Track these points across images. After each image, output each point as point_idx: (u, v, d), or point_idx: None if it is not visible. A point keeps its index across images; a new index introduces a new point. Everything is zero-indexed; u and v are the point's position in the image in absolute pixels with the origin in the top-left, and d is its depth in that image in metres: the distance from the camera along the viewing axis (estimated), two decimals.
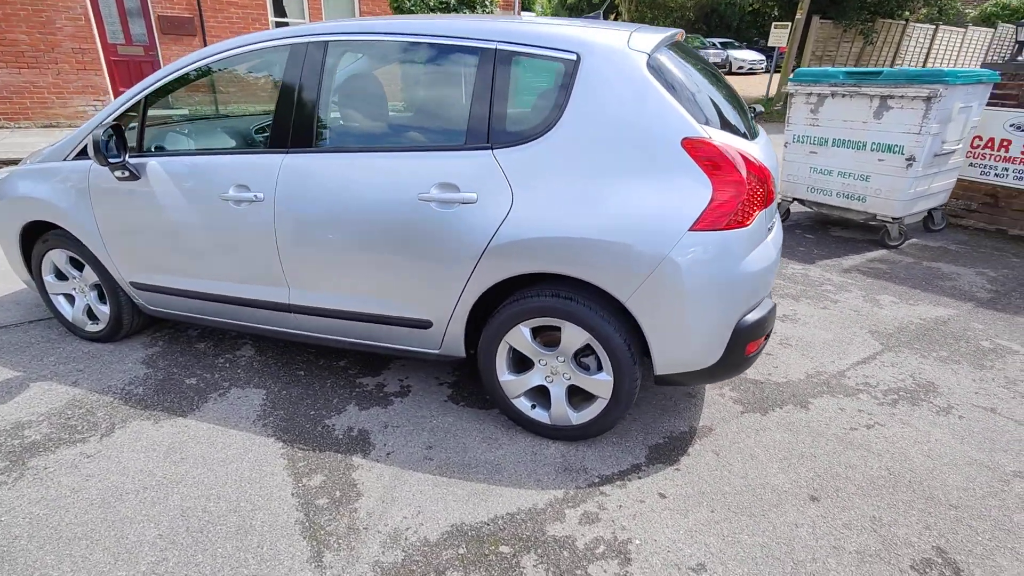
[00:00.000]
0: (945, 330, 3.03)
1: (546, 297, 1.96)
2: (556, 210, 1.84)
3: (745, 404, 2.39)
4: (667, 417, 2.31)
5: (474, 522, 1.81)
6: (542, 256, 1.87)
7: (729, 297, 1.82)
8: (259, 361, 2.77)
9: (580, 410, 2.11)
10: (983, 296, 3.46)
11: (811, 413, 2.33)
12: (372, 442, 2.19)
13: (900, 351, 2.82)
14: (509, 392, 2.17)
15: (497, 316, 2.05)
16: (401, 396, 2.48)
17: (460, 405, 2.42)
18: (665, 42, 1.97)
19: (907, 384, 2.53)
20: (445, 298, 2.07)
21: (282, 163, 2.16)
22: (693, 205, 1.75)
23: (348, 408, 2.40)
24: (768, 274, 1.90)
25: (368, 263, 2.12)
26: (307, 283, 2.27)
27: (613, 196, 1.79)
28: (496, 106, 1.92)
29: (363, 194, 2.05)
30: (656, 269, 1.77)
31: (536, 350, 2.06)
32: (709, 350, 1.88)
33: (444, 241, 1.98)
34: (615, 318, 1.92)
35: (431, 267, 2.03)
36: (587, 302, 1.92)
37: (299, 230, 2.17)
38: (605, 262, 1.81)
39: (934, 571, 1.62)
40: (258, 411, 2.38)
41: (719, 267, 1.78)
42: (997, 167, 4.61)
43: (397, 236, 2.03)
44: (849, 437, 2.18)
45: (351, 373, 2.67)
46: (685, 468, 2.03)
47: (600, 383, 2.01)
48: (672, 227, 1.76)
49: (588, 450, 2.13)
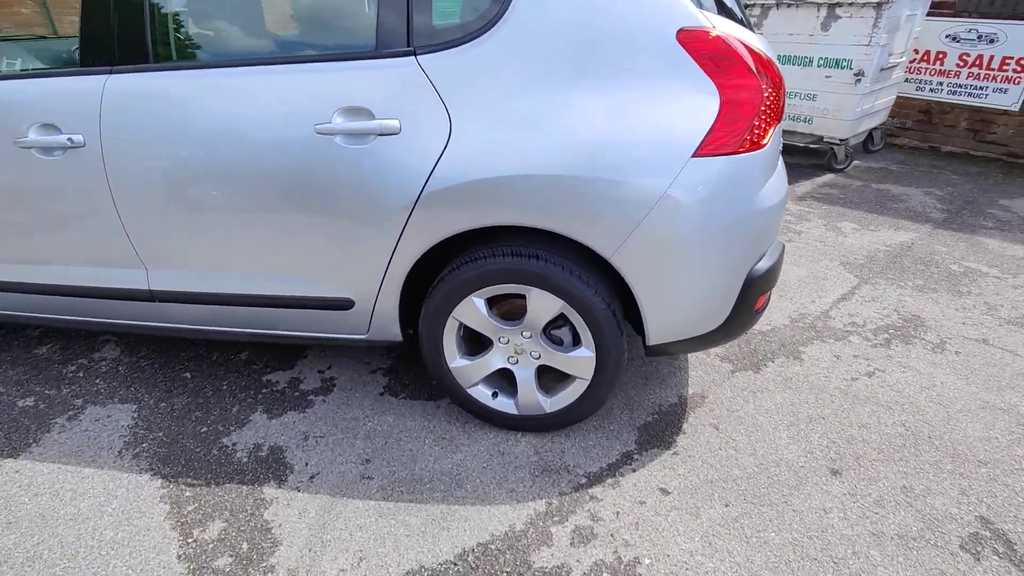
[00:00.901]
0: (913, 255, 2.87)
1: (504, 257, 1.47)
2: (512, 137, 1.32)
3: (734, 362, 2.08)
4: (651, 387, 1.95)
5: (436, 563, 1.38)
6: (496, 203, 1.37)
7: (741, 242, 1.42)
8: (127, 364, 2.11)
9: (554, 394, 1.69)
10: (937, 217, 3.36)
11: (806, 365, 2.06)
12: (289, 463, 1.67)
13: (876, 283, 2.62)
14: (463, 380, 1.71)
15: (441, 287, 1.55)
16: (323, 393, 1.96)
17: (401, 398, 1.93)
18: None
19: (893, 320, 2.32)
20: (368, 268, 1.54)
21: (105, 88, 1.47)
22: (696, 122, 1.30)
23: (253, 417, 1.85)
24: (780, 210, 1.51)
25: (251, 228, 1.53)
26: (170, 261, 1.64)
27: (587, 114, 1.30)
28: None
29: (235, 130, 1.43)
30: (651, 212, 1.32)
31: (494, 325, 1.59)
32: (715, 310, 1.49)
33: (358, 190, 1.42)
34: (596, 278, 1.48)
35: (343, 227, 1.47)
36: (559, 260, 1.45)
37: (144, 187, 1.52)
38: (583, 207, 1.34)
39: (985, 548, 1.39)
40: (126, 436, 1.77)
41: (731, 203, 1.36)
42: (932, 82, 4.52)
43: (289, 188, 1.45)
44: (853, 389, 1.93)
45: (255, 368, 2.09)
46: (684, 451, 1.69)
47: (578, 360, 1.59)
48: (670, 153, 1.30)
49: (566, 441, 1.73)
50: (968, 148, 4.54)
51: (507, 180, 1.33)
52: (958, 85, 4.41)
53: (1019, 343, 2.17)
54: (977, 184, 3.90)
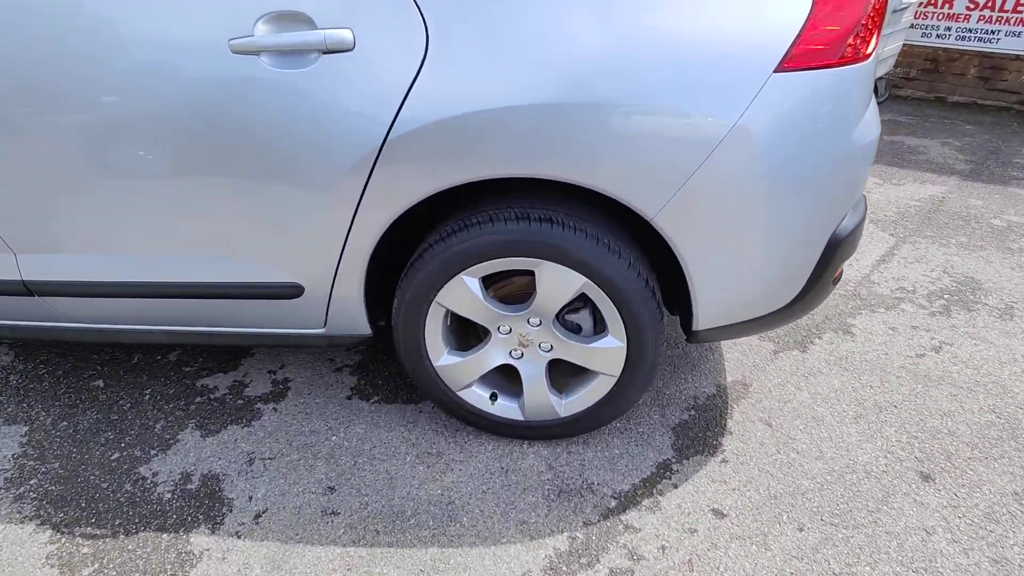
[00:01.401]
0: (947, 210, 2.57)
1: (508, 223, 1.08)
2: (514, 51, 0.92)
3: (775, 340, 1.74)
4: (682, 376, 1.60)
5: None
6: (495, 147, 0.96)
7: (830, 191, 1.05)
8: (20, 373, 1.67)
9: (570, 394, 1.32)
10: (962, 168, 3.06)
11: (860, 341, 1.73)
12: (227, 498, 1.28)
13: (915, 242, 2.31)
14: (452, 382, 1.32)
15: (420, 264, 1.15)
16: (274, 400, 1.55)
17: (373, 402, 1.54)
18: None
19: (946, 284, 2.02)
20: (318, 243, 1.12)
21: None
22: (780, 23, 0.91)
23: (183, 436, 1.44)
24: (875, 150, 1.14)
25: (154, 196, 1.10)
26: (45, 242, 1.20)
27: (621, 18, 0.90)
28: None
29: (117, 53, 0.98)
30: (714, 152, 0.94)
31: (492, 311, 1.21)
32: (788, 282, 1.14)
33: (296, 133, 1.00)
34: (628, 246, 1.10)
35: (280, 190, 1.06)
36: (581, 224, 1.07)
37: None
38: (618, 148, 0.95)
39: None
40: (8, 471, 1.35)
41: (824, 138, 0.98)
42: (940, 27, 4.20)
43: (196, 134, 1.01)
44: (922, 368, 1.61)
45: (188, 372, 1.67)
46: (735, 457, 1.35)
47: (604, 353, 1.22)
48: (744, 67, 0.91)
49: (586, 450, 1.38)
50: (977, 97, 4.26)
51: (509, 113, 0.93)
52: (968, 30, 4.10)
53: None
54: (994, 134, 3.62)
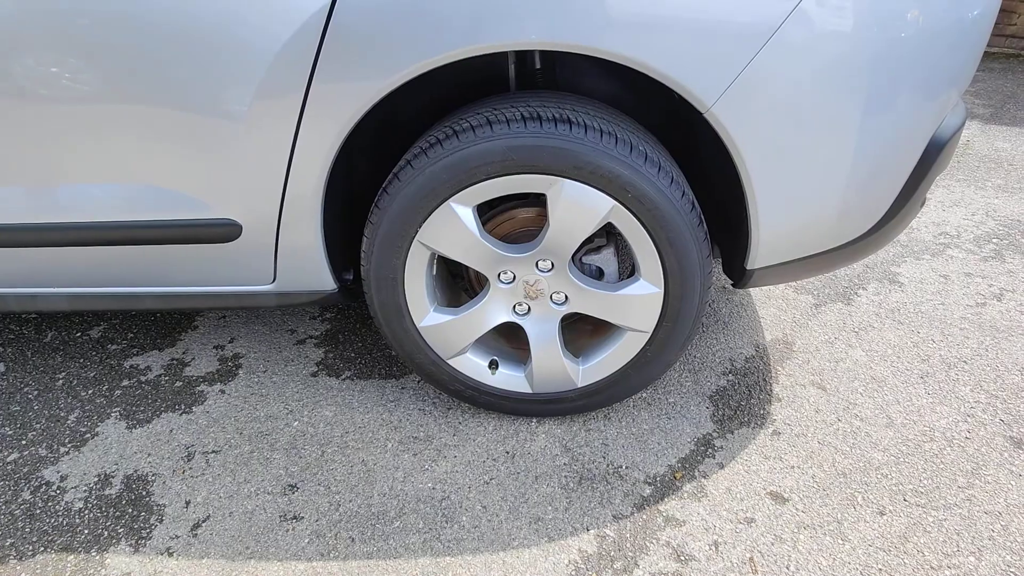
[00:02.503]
0: (976, 154, 2.35)
1: (511, 124, 0.80)
2: None
3: (813, 292, 1.50)
4: (714, 336, 1.35)
5: None
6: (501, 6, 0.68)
7: (937, 74, 0.79)
8: None
9: (590, 358, 1.06)
10: (983, 112, 2.85)
11: (910, 291, 1.50)
12: (157, 504, 1.00)
13: (949, 185, 2.08)
14: (442, 348, 1.05)
15: (396, 188, 0.87)
16: (222, 381, 1.27)
17: (344, 379, 1.26)
18: None
19: (992, 227, 1.80)
20: (255, 166, 0.83)
21: None
22: None
23: (102, 429, 1.15)
24: (991, 24, 0.88)
25: (26, 102, 0.78)
26: None
27: None
28: None
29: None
30: (786, 22, 0.67)
31: (491, 252, 0.93)
32: (876, 199, 0.88)
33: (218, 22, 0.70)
34: (668, 158, 0.83)
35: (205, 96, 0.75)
36: (609, 126, 0.79)
37: None
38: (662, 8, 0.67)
39: None
40: None
41: (926, 5, 0.72)
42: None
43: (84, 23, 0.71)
44: (987, 319, 1.39)
45: (113, 351, 1.36)
46: (788, 428, 1.11)
47: (636, 302, 0.95)
48: None
49: (608, 427, 1.12)
50: None
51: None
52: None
53: None
54: (1007, 79, 3.42)
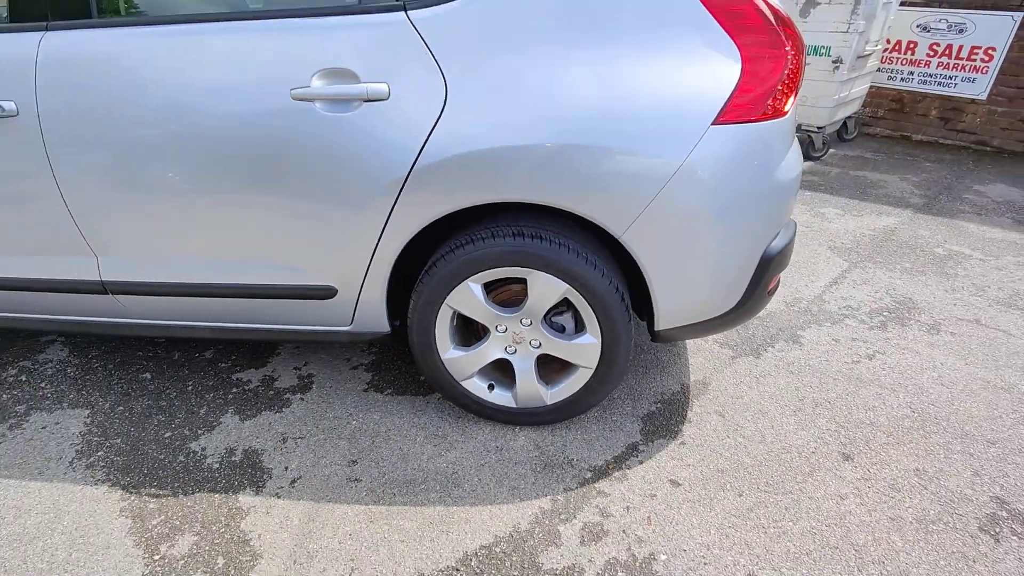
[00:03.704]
0: (897, 240, 2.87)
1: (506, 238, 1.35)
2: (515, 104, 1.20)
3: (733, 348, 2.01)
4: (652, 376, 1.87)
5: (437, 569, 1.26)
6: (499, 177, 1.25)
7: (759, 218, 1.34)
8: (76, 366, 1.91)
9: (555, 385, 1.58)
10: (917, 202, 3.38)
11: (806, 349, 2.01)
12: (266, 467, 1.52)
13: (866, 267, 2.60)
14: (457, 373, 1.58)
15: (433, 272, 1.42)
16: (301, 392, 1.81)
17: (386, 394, 1.80)
18: None
19: (887, 303, 2.30)
20: (353, 253, 1.40)
21: (40, 48, 1.29)
22: (716, 86, 1.20)
23: (224, 420, 1.69)
24: (798, 184, 1.44)
25: (219, 209, 1.37)
26: (124, 247, 1.46)
27: (598, 78, 1.19)
28: None
29: (196, 96, 1.27)
30: (667, 185, 1.23)
31: (492, 313, 1.48)
32: (729, 291, 1.41)
33: (341, 164, 1.28)
34: (603, 259, 1.38)
35: (325, 207, 1.33)
36: (564, 240, 1.35)
37: (91, 162, 1.34)
38: (593, 181, 1.23)
39: (1004, 529, 1.35)
40: (78, 445, 1.59)
41: (751, 176, 1.27)
42: (904, 71, 4.59)
43: (262, 163, 1.29)
44: (856, 372, 1.88)
45: (223, 367, 1.92)
46: (692, 440, 1.61)
47: (583, 348, 1.49)
48: (688, 121, 1.21)
49: (569, 435, 1.63)
50: (939, 136, 4.63)
51: (511, 152, 1.21)
52: (928, 74, 4.49)
53: (1010, 323, 2.17)
54: (951, 171, 3.97)
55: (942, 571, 1.25)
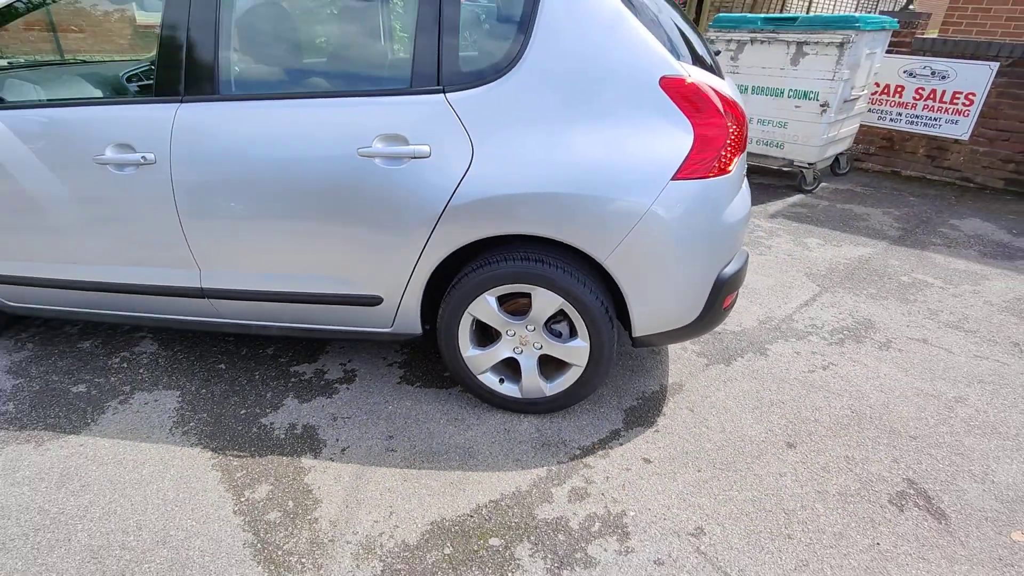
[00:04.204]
0: (869, 268, 3.21)
1: (515, 261, 1.75)
2: (524, 162, 1.61)
3: (708, 356, 2.37)
4: (637, 378, 2.23)
5: (455, 515, 1.63)
6: (511, 215, 1.65)
7: (711, 250, 1.72)
8: (165, 357, 2.34)
9: (553, 380, 1.96)
10: (893, 234, 3.71)
11: (771, 359, 2.36)
12: (322, 439, 1.92)
13: (836, 291, 2.94)
14: (474, 368, 1.97)
15: (459, 286, 1.82)
16: (346, 383, 2.21)
17: (416, 386, 2.19)
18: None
19: (848, 323, 2.64)
20: (397, 270, 1.80)
21: (176, 115, 1.74)
22: (674, 152, 1.60)
23: (286, 402, 2.09)
24: (744, 223, 1.81)
25: (300, 235, 1.79)
26: (223, 262, 1.89)
27: (586, 144, 1.60)
28: (446, 42, 1.63)
29: (288, 152, 1.70)
30: (638, 224, 1.62)
31: (503, 320, 1.87)
32: (691, 306, 1.79)
33: (393, 204, 1.69)
34: (591, 279, 1.77)
35: (379, 235, 1.74)
36: (560, 264, 1.74)
37: (207, 199, 1.78)
38: (581, 219, 1.63)
39: (909, 502, 1.68)
40: (174, 417, 2.01)
41: (703, 218, 1.66)
42: (892, 112, 4.94)
43: (334, 201, 1.72)
44: (810, 380, 2.23)
45: (282, 361, 2.33)
46: (664, 429, 1.97)
47: (575, 350, 1.87)
48: (653, 177, 1.60)
49: (563, 421, 2.00)
50: (926, 172, 4.95)
51: (519, 197, 1.62)
52: (915, 116, 4.84)
53: (953, 343, 2.49)
54: (932, 205, 4.29)
55: (852, 530, 1.59)
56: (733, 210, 1.73)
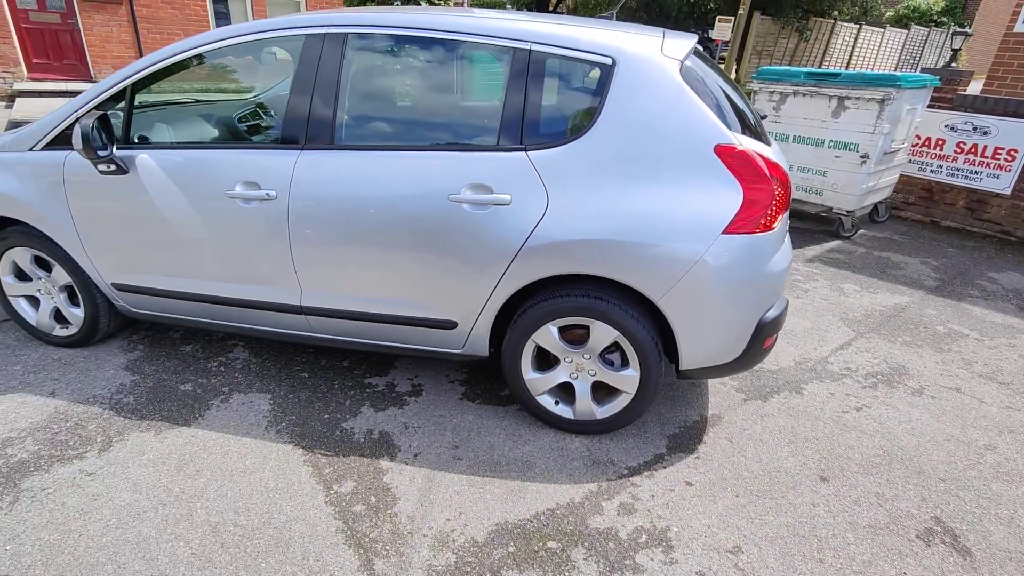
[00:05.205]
0: (905, 316, 3.33)
1: (578, 297, 1.99)
2: (592, 212, 1.87)
3: (746, 392, 2.54)
4: (678, 407, 2.42)
5: (517, 520, 1.84)
6: (577, 258, 1.90)
7: (755, 296, 1.93)
8: (256, 364, 2.65)
9: (604, 405, 2.17)
10: (931, 284, 3.82)
11: (806, 398, 2.52)
12: (396, 444, 2.17)
13: (871, 337, 3.08)
14: (533, 390, 2.20)
15: (526, 316, 2.07)
16: (414, 396, 2.46)
17: (476, 403, 2.42)
18: (692, 49, 2.02)
19: (882, 368, 2.78)
20: (474, 299, 2.06)
21: (297, 161, 2.06)
22: (725, 209, 1.83)
23: (363, 410, 2.35)
24: (786, 273, 2.02)
25: (392, 265, 2.07)
26: (322, 285, 2.19)
27: (647, 199, 1.84)
28: (530, 107, 1.92)
29: (388, 195, 1.99)
30: (690, 270, 1.84)
31: (563, 348, 2.10)
32: (734, 345, 1.99)
33: (476, 243, 1.96)
34: (644, 316, 1.99)
35: (461, 269, 2.01)
36: (618, 302, 1.97)
37: (316, 231, 2.08)
38: (641, 264, 1.87)
39: (936, 539, 1.82)
40: (267, 417, 2.29)
41: (748, 268, 1.87)
42: (933, 164, 5.05)
43: (425, 238, 2.00)
44: (843, 419, 2.38)
45: (357, 373, 2.61)
46: (704, 456, 2.15)
47: (626, 379, 2.08)
48: (706, 230, 1.83)
49: (611, 443, 2.21)
50: (966, 224, 5.02)
51: (587, 242, 1.87)
52: (956, 168, 4.94)
53: (986, 393, 2.60)
54: (971, 257, 4.36)
55: (881, 560, 1.74)
56: (776, 262, 1.94)
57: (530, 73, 1.91)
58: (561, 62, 1.93)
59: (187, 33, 9.47)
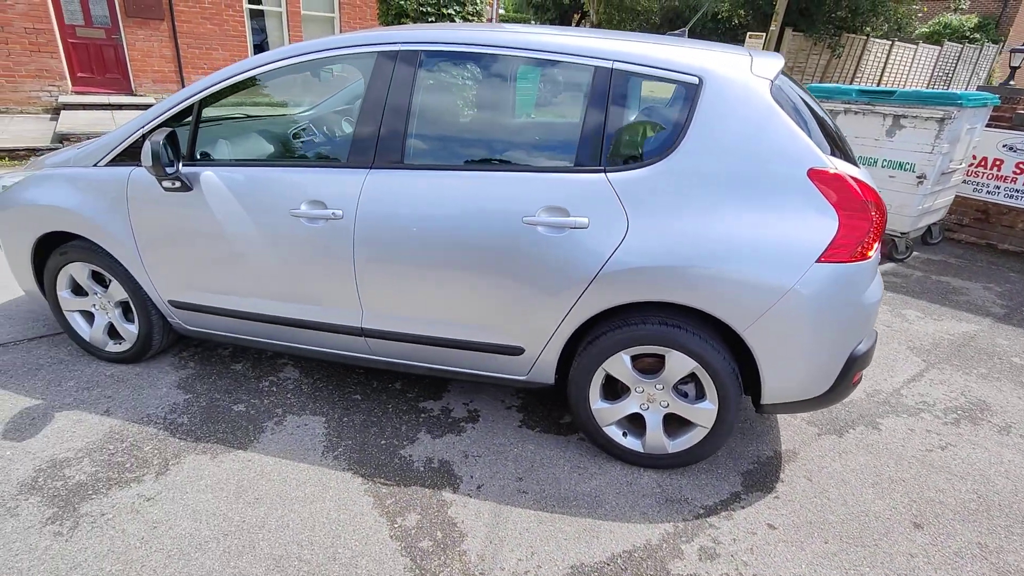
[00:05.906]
0: (975, 346, 3.16)
1: (654, 325, 1.90)
2: (675, 237, 1.78)
3: (819, 426, 2.41)
4: (749, 441, 2.30)
5: (593, 562, 1.74)
6: (658, 284, 1.81)
7: (847, 328, 1.82)
8: (307, 384, 2.59)
9: (676, 438, 2.06)
10: (998, 312, 3.64)
11: (884, 434, 2.37)
12: (457, 474, 2.08)
13: (943, 368, 2.92)
14: (600, 420, 2.10)
15: (597, 343, 1.97)
16: (471, 422, 2.37)
17: (536, 431, 2.33)
18: (782, 69, 1.94)
19: (961, 403, 2.62)
20: (544, 325, 1.98)
21: (365, 181, 2.01)
22: (819, 237, 1.73)
23: (420, 436, 2.27)
24: (878, 305, 1.90)
25: (459, 289, 2.00)
26: (384, 307, 2.12)
27: (734, 224, 1.75)
28: (611, 127, 1.84)
29: (458, 217, 1.93)
30: (780, 300, 1.74)
31: (635, 378, 2.00)
32: (821, 380, 1.87)
33: (550, 267, 1.88)
34: (725, 346, 1.88)
35: (533, 294, 1.93)
36: (697, 331, 1.87)
37: (382, 252, 2.02)
38: (726, 292, 1.77)
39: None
40: (323, 442, 2.22)
41: (842, 299, 1.76)
42: (989, 185, 4.87)
43: (495, 261, 1.92)
44: (929, 459, 2.23)
45: (410, 396, 2.53)
46: (784, 496, 2.02)
47: (702, 412, 1.97)
48: (798, 258, 1.73)
49: (682, 479, 2.09)
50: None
51: (669, 269, 1.78)
52: (1015, 190, 4.75)
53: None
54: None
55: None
56: (871, 292, 1.83)
57: (612, 92, 1.84)
58: (645, 81, 1.85)
59: (225, 48, 9.67)
